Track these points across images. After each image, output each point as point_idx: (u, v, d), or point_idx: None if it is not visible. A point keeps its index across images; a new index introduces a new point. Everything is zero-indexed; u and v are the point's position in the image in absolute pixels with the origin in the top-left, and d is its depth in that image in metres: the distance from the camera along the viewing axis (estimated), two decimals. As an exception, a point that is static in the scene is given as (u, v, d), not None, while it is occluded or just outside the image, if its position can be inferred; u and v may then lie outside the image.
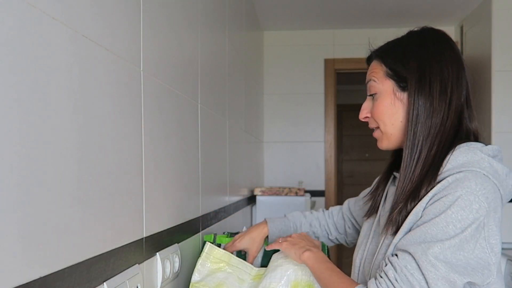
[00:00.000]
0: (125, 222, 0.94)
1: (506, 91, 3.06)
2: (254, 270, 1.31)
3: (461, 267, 0.92)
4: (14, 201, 0.60)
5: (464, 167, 0.99)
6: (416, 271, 0.93)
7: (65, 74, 0.72)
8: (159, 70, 1.15)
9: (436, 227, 0.94)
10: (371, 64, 1.18)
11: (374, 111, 1.13)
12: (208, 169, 1.66)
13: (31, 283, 0.62)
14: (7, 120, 0.59)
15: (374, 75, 1.14)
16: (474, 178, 0.96)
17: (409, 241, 0.96)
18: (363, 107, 1.17)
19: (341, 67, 3.83)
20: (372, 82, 1.14)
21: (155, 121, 1.12)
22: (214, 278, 1.27)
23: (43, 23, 0.67)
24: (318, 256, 1.13)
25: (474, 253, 0.92)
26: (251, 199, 3.00)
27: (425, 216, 0.97)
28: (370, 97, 1.16)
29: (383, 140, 1.14)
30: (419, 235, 0.95)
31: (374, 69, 1.15)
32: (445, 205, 0.94)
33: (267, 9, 3.34)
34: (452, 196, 0.94)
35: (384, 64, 1.13)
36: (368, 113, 1.16)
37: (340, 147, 5.98)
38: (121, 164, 0.93)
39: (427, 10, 3.36)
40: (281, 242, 1.22)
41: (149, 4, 1.09)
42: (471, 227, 0.92)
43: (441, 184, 0.97)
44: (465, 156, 1.01)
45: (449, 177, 0.97)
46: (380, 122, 1.12)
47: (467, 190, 0.94)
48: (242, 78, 2.62)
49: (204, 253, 1.31)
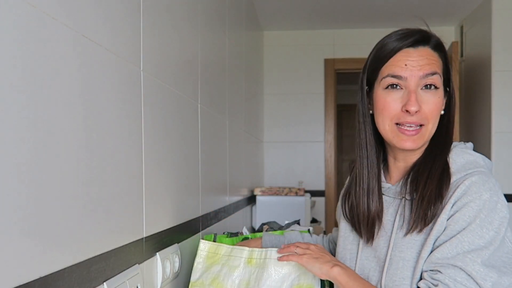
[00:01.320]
0: (125, 222, 0.94)
1: (506, 91, 3.06)
2: (246, 251, 1.27)
3: (503, 267, 0.93)
4: (15, 201, 0.60)
5: (470, 169, 1.00)
6: (468, 282, 0.91)
7: (65, 74, 0.72)
8: (159, 70, 1.15)
9: (472, 234, 0.93)
10: (427, 51, 1.03)
11: (431, 108, 1.01)
12: (208, 169, 1.66)
13: (31, 283, 0.62)
14: (7, 121, 0.59)
15: (438, 69, 1.02)
16: (488, 178, 0.97)
17: (449, 254, 0.93)
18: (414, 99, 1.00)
19: (341, 67, 3.84)
20: (437, 76, 1.01)
21: (155, 121, 1.12)
22: (210, 273, 1.27)
23: (43, 24, 0.67)
24: (350, 272, 1.03)
25: (505, 250, 0.94)
26: (251, 199, 3.00)
27: (455, 224, 0.94)
28: (425, 89, 1.01)
29: (422, 140, 1.03)
30: (457, 245, 0.93)
31: (435, 61, 1.03)
32: (474, 210, 0.94)
33: (267, 9, 3.34)
34: (479, 201, 0.94)
35: (442, 61, 1.05)
36: (420, 108, 1.01)
37: (340, 147, 5.99)
38: (121, 164, 0.93)
39: (427, 10, 3.36)
40: (301, 255, 1.09)
41: (149, 4, 1.09)
42: (503, 226, 0.94)
43: (460, 189, 0.96)
44: (462, 158, 1.03)
45: (466, 181, 0.96)
46: (431, 121, 1.02)
47: (491, 192, 0.95)
48: (242, 78, 2.62)
49: (198, 251, 1.30)
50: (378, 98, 1.05)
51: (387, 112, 1.03)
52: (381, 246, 1.06)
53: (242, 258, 1.27)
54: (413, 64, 1.01)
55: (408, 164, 1.09)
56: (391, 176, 1.13)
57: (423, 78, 1.00)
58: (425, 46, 1.02)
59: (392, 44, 1.03)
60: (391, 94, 1.03)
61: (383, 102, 1.04)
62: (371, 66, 1.07)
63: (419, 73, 1.00)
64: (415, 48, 1.02)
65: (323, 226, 3.78)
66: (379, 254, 1.06)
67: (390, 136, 1.05)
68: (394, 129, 1.03)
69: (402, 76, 1.01)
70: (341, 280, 1.02)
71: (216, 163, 1.83)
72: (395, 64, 1.02)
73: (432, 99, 1.01)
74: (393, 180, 1.12)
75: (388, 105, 1.03)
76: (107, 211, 0.86)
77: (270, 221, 1.86)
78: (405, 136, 1.02)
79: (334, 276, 1.03)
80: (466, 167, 1.01)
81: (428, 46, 1.03)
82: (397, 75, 1.01)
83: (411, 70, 1.01)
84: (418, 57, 1.01)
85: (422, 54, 1.01)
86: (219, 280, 1.24)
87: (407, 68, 1.01)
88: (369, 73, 1.08)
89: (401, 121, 1.02)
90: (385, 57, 1.04)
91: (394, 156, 1.11)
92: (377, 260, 1.07)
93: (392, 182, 1.12)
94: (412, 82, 1.00)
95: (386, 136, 1.06)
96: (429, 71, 1.00)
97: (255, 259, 1.25)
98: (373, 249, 1.08)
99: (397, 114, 1.02)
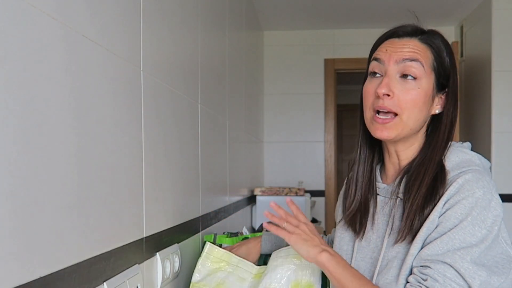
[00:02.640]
0: (125, 222, 0.94)
1: (506, 91, 3.06)
2: (255, 268, 1.31)
3: (495, 267, 0.92)
4: (15, 201, 0.60)
5: (464, 167, 1.00)
6: (458, 279, 0.91)
7: (65, 74, 0.72)
8: (159, 70, 1.15)
9: (464, 231, 0.92)
10: (413, 42, 1.03)
11: (406, 97, 1.00)
12: (208, 169, 1.66)
13: (31, 283, 0.62)
14: (6, 121, 0.59)
15: (421, 58, 1.01)
16: (482, 176, 0.96)
17: (440, 250, 0.93)
18: (385, 83, 1.00)
19: (341, 67, 3.84)
20: (417, 64, 1.00)
21: (155, 121, 1.12)
22: (215, 277, 1.27)
23: (42, 23, 0.67)
24: (339, 260, 1.00)
25: (499, 250, 0.94)
26: (251, 199, 3.00)
27: (447, 221, 0.94)
28: (403, 78, 1.01)
29: (395, 130, 1.01)
30: (447, 242, 0.93)
31: (420, 51, 1.02)
32: (466, 208, 0.93)
33: (267, 9, 3.34)
34: (471, 198, 0.93)
35: (432, 53, 1.03)
36: (390, 92, 1.00)
37: (340, 147, 5.98)
38: (121, 164, 0.93)
39: (427, 10, 3.36)
40: (289, 233, 1.02)
41: (149, 4, 1.09)
42: (496, 225, 0.93)
43: (453, 187, 0.96)
44: (457, 156, 1.03)
45: (459, 179, 0.96)
46: (406, 111, 1.00)
47: (484, 190, 0.94)
48: (242, 78, 2.62)
49: (204, 253, 1.31)
50: (363, 88, 1.08)
51: (366, 99, 1.05)
52: (378, 247, 1.06)
53: (252, 274, 1.30)
54: (393, 50, 1.03)
55: (402, 162, 1.08)
56: (387, 176, 1.12)
57: (401, 62, 1.01)
58: (411, 37, 1.04)
59: (383, 35, 1.08)
60: (371, 82, 1.05)
61: (364, 90, 1.07)
62: (368, 58, 1.11)
63: (397, 57, 1.01)
64: (400, 38, 1.05)
65: (323, 226, 3.78)
66: (377, 255, 1.06)
67: (369, 125, 1.06)
68: (372, 118, 1.04)
69: (381, 59, 1.03)
70: (329, 267, 0.98)
71: (216, 163, 1.83)
72: (379, 50, 1.06)
73: (408, 88, 1.01)
74: (388, 180, 1.12)
75: (367, 93, 1.05)
76: (107, 211, 0.86)
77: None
78: (378, 124, 1.02)
79: (322, 261, 0.98)
80: (461, 166, 1.01)
81: (415, 38, 1.04)
82: (378, 57, 1.04)
83: (389, 54, 1.03)
84: (400, 45, 1.03)
85: (406, 43, 1.03)
86: (225, 287, 1.25)
87: (387, 52, 1.03)
88: (367, 65, 1.11)
89: (375, 107, 1.02)
90: (374, 48, 1.08)
91: (387, 151, 1.11)
92: (372, 261, 1.07)
93: (387, 182, 1.11)
94: (389, 67, 1.02)
95: (367, 125, 1.07)
96: (407, 56, 1.01)
97: (262, 273, 1.27)
98: (370, 250, 1.08)
99: (373, 100, 1.03)
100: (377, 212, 1.09)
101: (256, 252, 1.41)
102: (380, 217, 1.08)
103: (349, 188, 1.13)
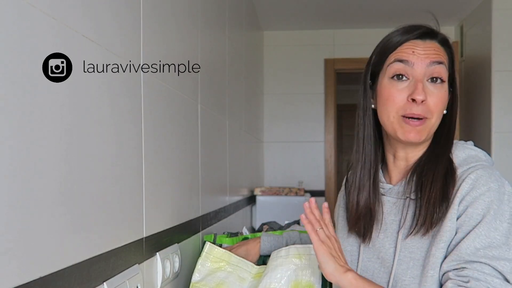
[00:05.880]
0: (125, 222, 0.94)
1: (506, 91, 3.06)
2: (255, 268, 1.31)
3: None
4: (14, 202, 0.60)
5: (472, 162, 1.01)
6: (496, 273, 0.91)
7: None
8: (159, 70, 1.15)
9: (488, 227, 0.93)
10: (435, 44, 1.02)
11: (437, 102, 0.99)
12: (208, 169, 1.66)
13: (31, 283, 0.62)
14: (4, 120, 0.59)
15: (445, 61, 1.02)
16: (492, 171, 0.98)
17: (469, 249, 0.92)
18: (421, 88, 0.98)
19: (341, 67, 3.84)
20: (444, 67, 1.01)
21: (155, 121, 1.12)
22: (215, 277, 1.27)
23: (42, 23, 0.67)
24: (365, 279, 0.97)
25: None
26: (251, 199, 3.00)
27: (470, 219, 0.94)
28: (432, 82, 1.00)
29: (425, 133, 1.01)
30: (474, 239, 0.92)
31: (443, 54, 1.03)
32: (486, 203, 0.94)
33: (267, 9, 3.34)
34: (489, 193, 0.94)
35: (448, 55, 1.04)
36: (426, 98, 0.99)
37: (340, 147, 5.98)
38: (121, 164, 0.93)
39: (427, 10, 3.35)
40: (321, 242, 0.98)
41: (149, 4, 1.09)
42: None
43: (466, 183, 0.96)
44: (463, 152, 1.04)
45: (471, 175, 0.96)
46: (435, 114, 1.00)
47: (498, 183, 0.96)
48: (242, 78, 2.62)
49: (204, 253, 1.31)
50: (382, 89, 1.03)
51: (392, 102, 1.01)
52: (386, 247, 1.04)
53: (252, 274, 1.30)
54: (420, 52, 1.00)
55: (409, 162, 1.07)
56: (390, 177, 1.10)
57: (430, 66, 1.00)
58: (432, 39, 1.02)
59: (398, 37, 1.03)
60: (396, 85, 1.01)
61: (388, 93, 1.02)
62: (376, 58, 1.06)
63: (426, 60, 1.00)
64: (423, 40, 1.02)
65: (323, 226, 3.78)
66: (384, 255, 1.04)
67: (395, 127, 1.02)
68: (400, 120, 1.01)
69: (409, 61, 1.00)
70: (357, 285, 0.94)
71: (216, 163, 1.83)
72: (402, 51, 1.02)
73: (437, 92, 1.00)
74: (394, 181, 1.10)
75: (393, 96, 1.01)
76: (107, 211, 0.86)
77: (270, 221, 1.86)
78: (410, 126, 1.00)
79: (349, 280, 0.95)
80: (468, 161, 1.01)
81: (435, 40, 1.02)
82: (404, 59, 1.00)
83: (417, 56, 1.00)
84: (425, 48, 1.01)
85: (429, 46, 1.01)
86: (225, 287, 1.25)
87: (414, 54, 1.00)
88: (373, 66, 1.07)
89: (406, 113, 1.00)
90: (392, 47, 1.03)
91: (394, 153, 1.09)
92: (381, 261, 1.05)
93: (392, 182, 1.10)
94: (418, 70, 1.00)
95: (390, 128, 1.03)
96: (436, 59, 1.00)
97: (262, 273, 1.27)
98: (376, 250, 1.06)
99: (403, 105, 1.00)
100: (385, 213, 1.07)
101: (255, 253, 1.41)
102: (389, 218, 1.06)
103: (352, 191, 1.10)
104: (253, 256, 1.40)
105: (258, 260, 1.42)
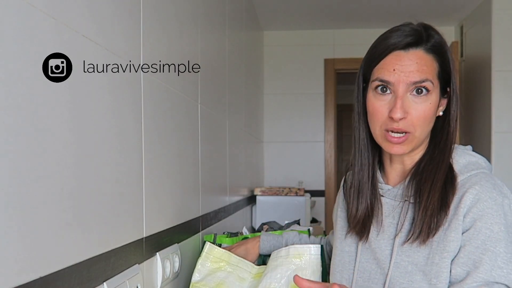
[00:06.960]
0: (125, 222, 0.94)
1: (506, 91, 3.06)
2: (255, 268, 1.31)
3: None
4: (14, 202, 0.60)
5: (472, 170, 1.00)
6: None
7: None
8: (159, 70, 1.15)
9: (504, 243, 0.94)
10: (419, 53, 0.99)
11: (419, 115, 0.98)
12: (208, 169, 1.66)
13: (31, 283, 0.62)
14: (5, 122, 0.59)
15: (430, 75, 0.98)
16: (494, 181, 0.98)
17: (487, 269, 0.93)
18: (399, 106, 0.97)
19: (341, 67, 3.84)
20: (427, 83, 0.98)
21: (155, 121, 1.12)
22: (215, 277, 1.27)
23: (42, 23, 0.67)
24: None
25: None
26: (251, 199, 3.00)
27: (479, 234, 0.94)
28: (416, 94, 0.98)
29: (409, 146, 1.00)
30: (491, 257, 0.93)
31: (427, 65, 0.99)
32: (494, 216, 0.94)
33: (267, 9, 3.34)
34: (496, 206, 0.95)
35: (437, 62, 1.00)
36: (406, 114, 0.97)
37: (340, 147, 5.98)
38: (121, 164, 0.93)
39: (427, 10, 3.36)
40: None
41: (149, 4, 1.09)
42: None
43: (470, 194, 0.96)
44: (464, 158, 1.03)
45: (476, 186, 0.96)
46: (418, 128, 0.99)
47: (502, 194, 0.96)
48: (242, 78, 2.62)
49: (204, 253, 1.31)
50: (369, 101, 1.03)
51: (376, 117, 1.02)
52: (382, 249, 1.04)
53: (252, 274, 1.30)
54: (402, 69, 0.98)
55: (406, 165, 1.07)
56: (388, 178, 1.10)
57: (411, 85, 0.98)
58: (417, 48, 0.99)
59: (384, 45, 1.01)
60: (380, 99, 1.01)
61: (373, 107, 1.02)
62: (366, 64, 1.06)
63: (407, 80, 0.98)
64: (406, 51, 0.99)
65: (323, 226, 3.77)
66: (380, 256, 1.04)
67: (380, 141, 1.03)
68: (383, 135, 1.01)
69: (390, 81, 0.99)
70: None
71: (216, 163, 1.83)
72: (384, 68, 1.00)
73: (421, 106, 0.98)
74: (392, 182, 1.09)
75: (377, 111, 1.01)
76: (107, 211, 0.86)
77: (270, 221, 1.86)
78: (391, 142, 1.00)
79: None
80: (469, 168, 1.01)
81: (421, 49, 0.99)
82: (385, 79, 0.99)
83: (398, 75, 0.98)
84: (408, 61, 0.98)
85: (412, 58, 0.98)
86: (225, 287, 1.25)
87: (395, 73, 0.98)
88: (364, 71, 1.07)
89: (388, 127, 1.00)
90: (377, 58, 1.02)
91: (390, 158, 1.09)
92: (377, 262, 1.05)
93: (391, 184, 1.09)
94: (399, 88, 0.98)
95: (377, 140, 1.04)
96: (417, 78, 0.97)
97: (262, 273, 1.27)
98: (373, 250, 1.06)
99: (385, 119, 1.00)
100: (384, 215, 1.06)
101: (255, 253, 1.41)
102: (387, 220, 1.06)
103: (351, 192, 1.10)
104: (252, 255, 1.40)
105: (258, 259, 1.42)
